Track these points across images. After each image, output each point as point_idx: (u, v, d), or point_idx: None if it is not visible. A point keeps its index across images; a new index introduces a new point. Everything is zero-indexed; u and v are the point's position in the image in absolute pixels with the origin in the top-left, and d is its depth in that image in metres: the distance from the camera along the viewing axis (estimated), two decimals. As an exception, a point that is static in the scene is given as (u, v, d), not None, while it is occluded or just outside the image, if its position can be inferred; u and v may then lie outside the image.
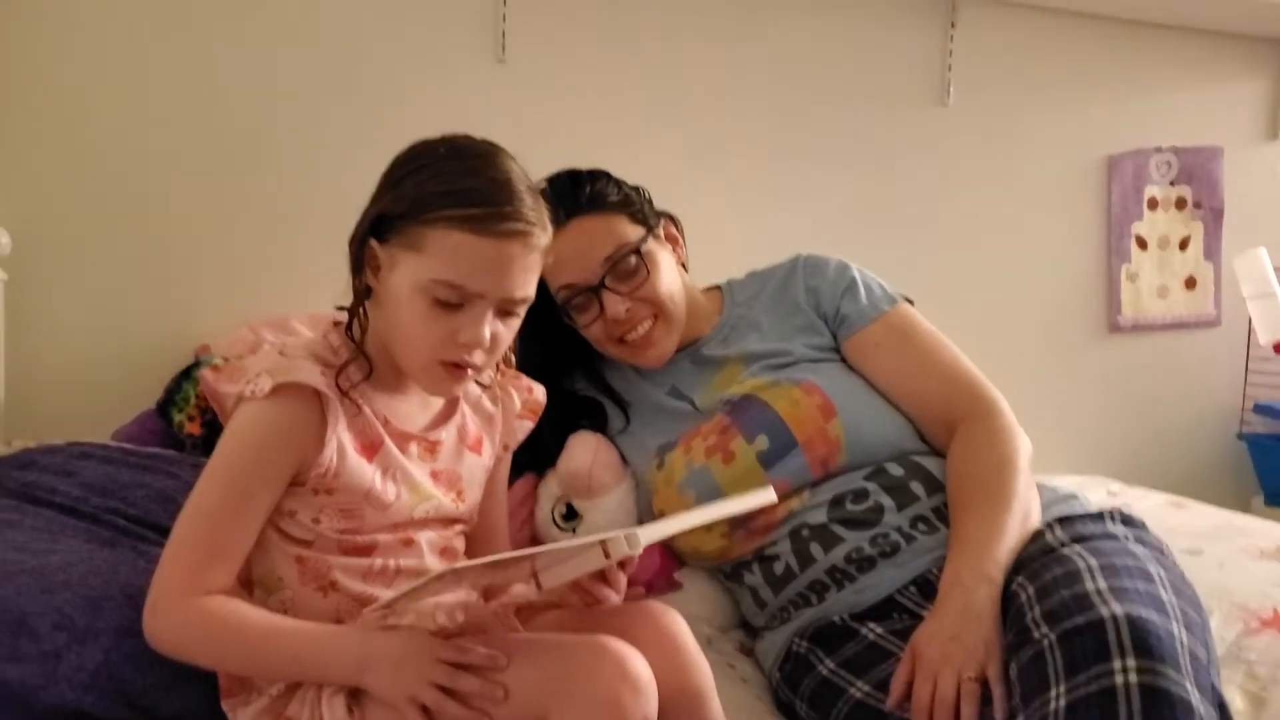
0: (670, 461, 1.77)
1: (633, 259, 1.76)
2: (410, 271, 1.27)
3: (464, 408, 1.48)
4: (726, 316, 1.91)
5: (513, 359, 1.53)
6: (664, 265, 1.81)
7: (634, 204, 1.81)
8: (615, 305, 1.75)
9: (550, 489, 1.87)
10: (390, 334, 1.33)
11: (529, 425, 1.57)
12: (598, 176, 1.81)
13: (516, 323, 1.35)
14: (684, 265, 1.91)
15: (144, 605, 1.25)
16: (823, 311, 1.85)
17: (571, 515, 1.84)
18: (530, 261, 1.31)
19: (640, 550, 1.19)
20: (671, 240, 1.88)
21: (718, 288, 1.99)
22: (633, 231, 1.77)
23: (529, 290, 1.33)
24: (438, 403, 1.45)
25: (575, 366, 1.94)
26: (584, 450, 1.82)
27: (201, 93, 2.35)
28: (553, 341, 1.83)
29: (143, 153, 2.31)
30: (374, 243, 1.30)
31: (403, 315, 1.29)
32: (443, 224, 1.25)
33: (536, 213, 1.30)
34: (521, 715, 1.17)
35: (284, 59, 2.40)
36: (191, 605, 1.22)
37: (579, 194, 1.76)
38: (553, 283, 1.76)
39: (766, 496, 1.42)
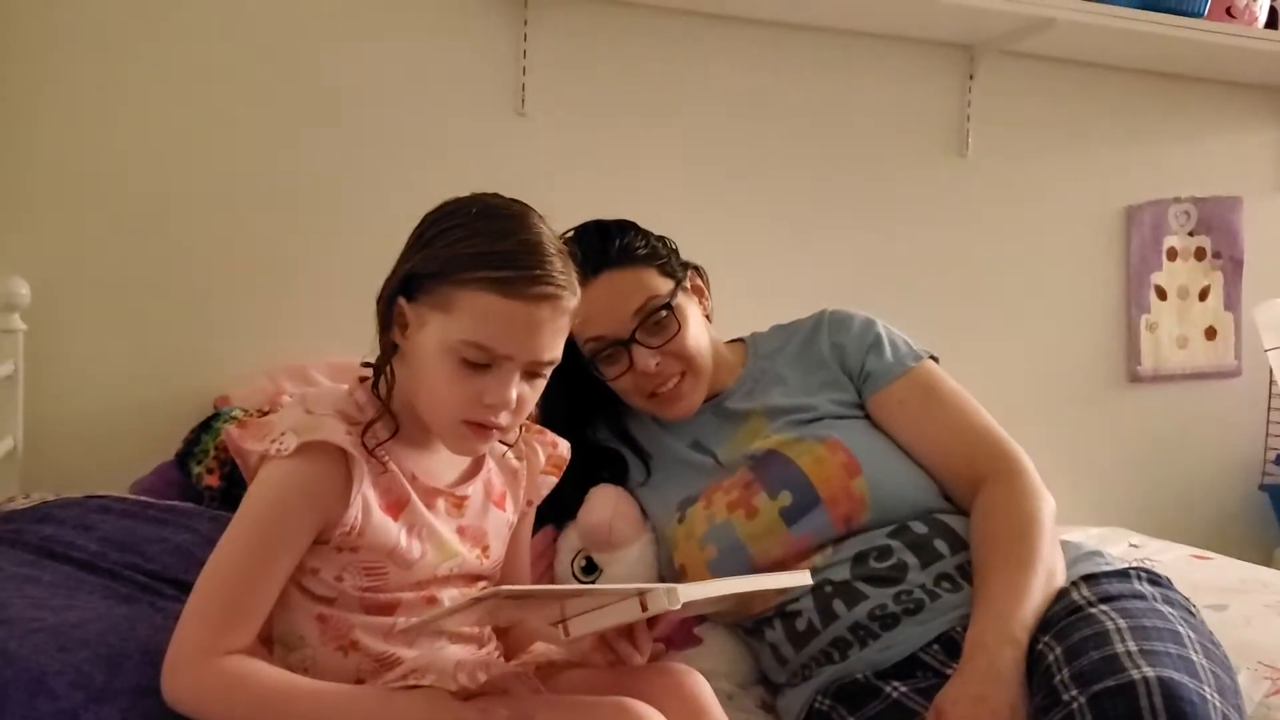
0: (691, 516, 1.75)
1: (663, 312, 1.76)
2: (439, 331, 1.27)
3: (489, 463, 1.47)
4: (750, 369, 1.90)
5: (536, 412, 1.53)
6: (693, 319, 1.81)
7: (662, 256, 1.81)
8: (645, 359, 1.75)
9: (570, 541, 1.86)
10: (416, 392, 1.33)
11: (553, 480, 1.56)
12: (625, 228, 1.81)
13: (542, 384, 1.35)
14: (709, 317, 1.90)
15: (162, 664, 1.24)
16: (848, 368, 1.84)
17: (591, 568, 1.83)
18: (559, 325, 1.31)
19: (679, 606, 1.17)
20: (697, 292, 1.88)
21: (741, 340, 1.98)
22: (662, 284, 1.78)
23: (556, 353, 1.32)
24: (465, 458, 1.44)
25: (598, 417, 1.94)
26: (604, 503, 1.81)
27: (222, 144, 2.37)
28: (576, 391, 1.82)
29: (162, 204, 2.33)
30: (403, 301, 1.30)
31: (429, 374, 1.29)
32: (473, 285, 1.25)
33: (566, 276, 1.30)
34: None
35: (306, 111, 2.42)
36: (210, 666, 1.21)
37: (608, 246, 1.76)
38: (581, 335, 1.76)
39: (803, 579, 1.43)
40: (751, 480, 1.72)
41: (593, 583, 1.82)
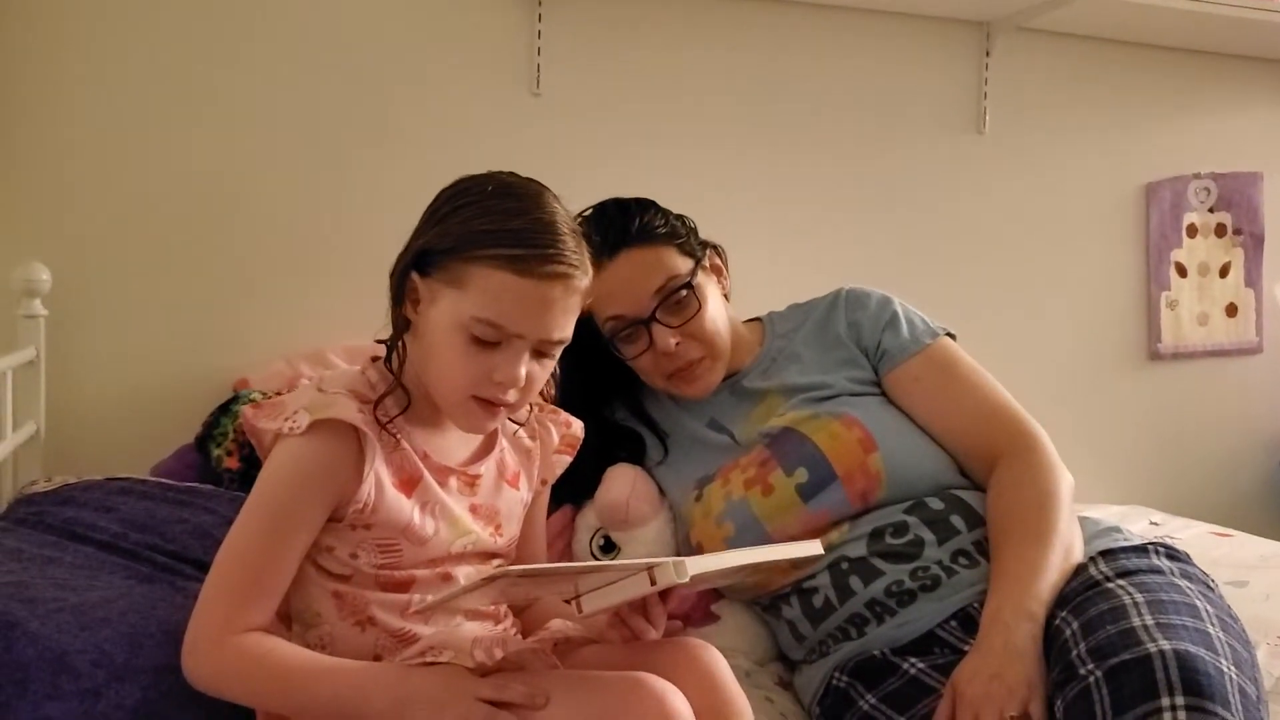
0: (709, 494, 1.76)
1: (683, 292, 1.76)
2: (450, 307, 1.28)
3: (502, 442, 1.48)
4: (767, 348, 1.90)
5: (553, 390, 1.53)
6: (712, 298, 1.81)
7: (681, 235, 1.81)
8: (665, 338, 1.75)
9: (588, 520, 1.86)
10: (426, 367, 1.34)
11: (567, 460, 1.57)
12: (645, 206, 1.81)
13: (551, 363, 1.36)
14: (726, 296, 1.90)
15: (182, 643, 1.25)
16: (864, 345, 1.83)
17: (609, 547, 1.83)
18: (571, 304, 1.31)
19: (688, 579, 1.17)
20: (716, 271, 1.88)
21: (758, 319, 1.98)
22: (682, 264, 1.77)
23: (567, 332, 1.33)
24: (477, 437, 1.45)
25: (615, 396, 1.94)
26: (622, 482, 1.82)
27: (239, 128, 2.37)
28: (594, 370, 1.82)
29: (180, 189, 2.34)
30: (415, 276, 1.31)
31: (440, 350, 1.30)
32: (486, 262, 1.25)
33: (579, 255, 1.30)
34: None
35: (322, 95, 2.42)
36: (229, 644, 1.22)
37: (628, 225, 1.76)
38: (600, 313, 1.76)
39: (814, 549, 1.42)
40: (768, 458, 1.72)
41: (610, 560, 1.82)
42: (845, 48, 2.83)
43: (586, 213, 1.79)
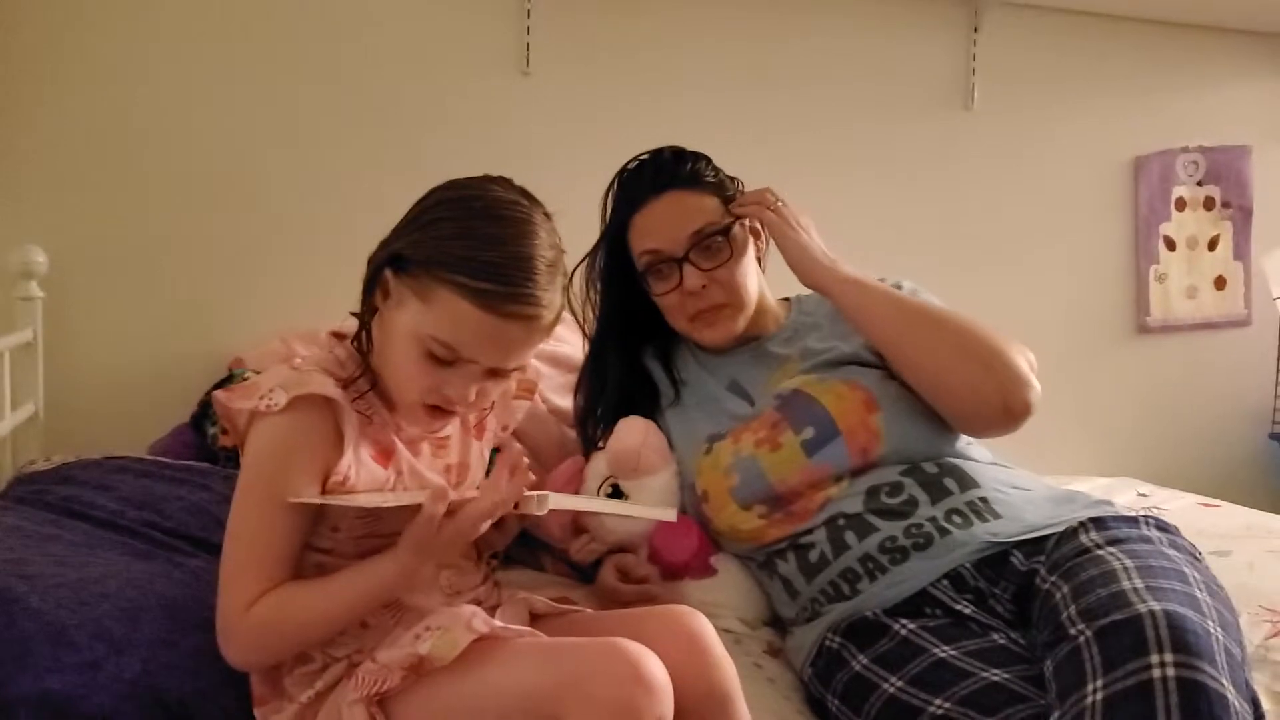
0: (718, 449, 1.81)
1: (719, 238, 1.82)
2: (412, 317, 1.29)
3: None
4: (792, 320, 1.96)
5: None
6: (746, 254, 1.87)
7: (729, 190, 1.89)
8: (693, 279, 1.81)
9: (598, 468, 1.89)
10: (384, 361, 1.35)
11: (525, 404, 1.60)
12: (700, 157, 1.90)
13: (506, 382, 1.38)
14: (760, 261, 1.95)
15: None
16: None
17: (618, 495, 1.86)
18: (532, 340, 1.32)
19: (545, 512, 1.27)
20: (754, 234, 1.92)
21: (787, 299, 2.02)
22: (723, 214, 1.84)
23: (524, 361, 1.35)
24: None
25: (649, 339, 2.00)
26: (634, 432, 1.86)
27: (232, 110, 2.39)
28: (634, 309, 1.91)
29: (175, 171, 2.36)
30: (389, 273, 1.31)
31: (397, 352, 1.31)
32: (452, 288, 1.25)
33: (549, 293, 1.30)
34: (535, 717, 1.17)
35: (314, 76, 2.44)
36: (250, 618, 1.25)
37: (679, 168, 1.85)
38: (637, 246, 1.85)
39: (666, 514, 1.49)
40: (779, 420, 1.77)
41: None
42: (835, 25, 2.85)
43: (644, 156, 1.89)
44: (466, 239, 1.27)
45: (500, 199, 1.32)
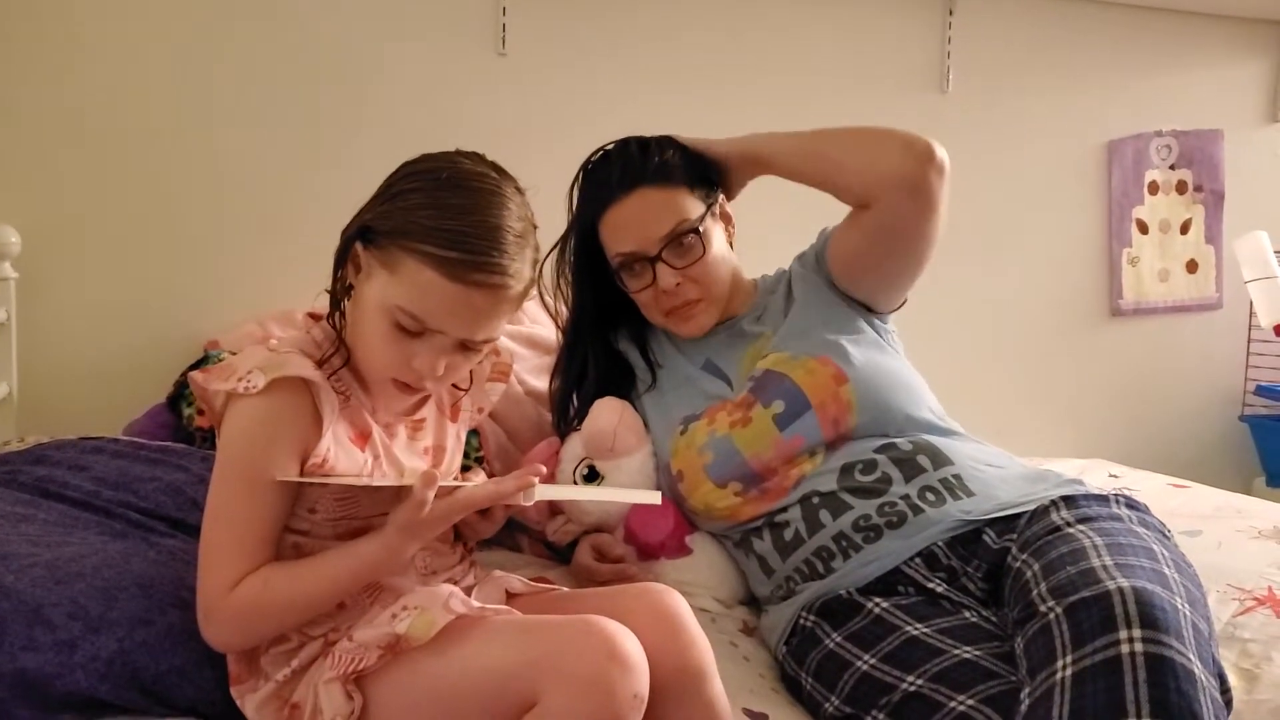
0: (693, 430, 1.82)
1: (691, 236, 1.82)
2: (380, 289, 1.29)
3: None
4: (761, 298, 1.97)
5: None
6: (717, 245, 1.87)
7: (697, 178, 1.87)
8: (667, 278, 1.81)
9: (574, 449, 1.90)
10: (356, 337, 1.35)
11: (501, 387, 1.60)
12: (665, 145, 1.88)
13: (477, 356, 1.38)
14: (731, 244, 1.95)
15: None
16: (819, 269, 1.92)
17: (593, 476, 1.87)
18: (500, 310, 1.32)
19: (531, 503, 1.28)
20: (725, 219, 1.93)
21: (754, 280, 2.03)
22: (693, 208, 1.83)
23: (493, 333, 1.34)
24: None
25: (623, 323, 2.01)
26: (610, 413, 1.87)
27: (207, 89, 2.38)
28: (607, 296, 1.91)
29: (149, 151, 2.34)
30: (359, 246, 1.32)
31: (367, 326, 1.32)
32: (419, 256, 1.25)
33: (518, 264, 1.30)
34: (511, 695, 1.18)
35: (288, 56, 2.43)
36: (232, 600, 1.25)
37: (647, 163, 1.83)
38: (611, 246, 1.84)
39: (652, 497, 1.47)
40: (753, 401, 1.79)
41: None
42: (809, 9, 2.85)
43: (609, 147, 1.88)
44: (433, 209, 1.27)
45: (469, 171, 1.32)
